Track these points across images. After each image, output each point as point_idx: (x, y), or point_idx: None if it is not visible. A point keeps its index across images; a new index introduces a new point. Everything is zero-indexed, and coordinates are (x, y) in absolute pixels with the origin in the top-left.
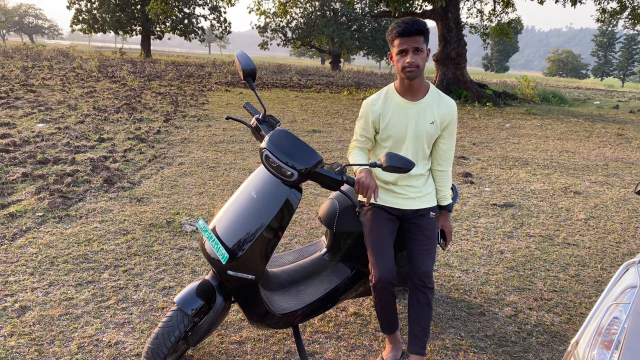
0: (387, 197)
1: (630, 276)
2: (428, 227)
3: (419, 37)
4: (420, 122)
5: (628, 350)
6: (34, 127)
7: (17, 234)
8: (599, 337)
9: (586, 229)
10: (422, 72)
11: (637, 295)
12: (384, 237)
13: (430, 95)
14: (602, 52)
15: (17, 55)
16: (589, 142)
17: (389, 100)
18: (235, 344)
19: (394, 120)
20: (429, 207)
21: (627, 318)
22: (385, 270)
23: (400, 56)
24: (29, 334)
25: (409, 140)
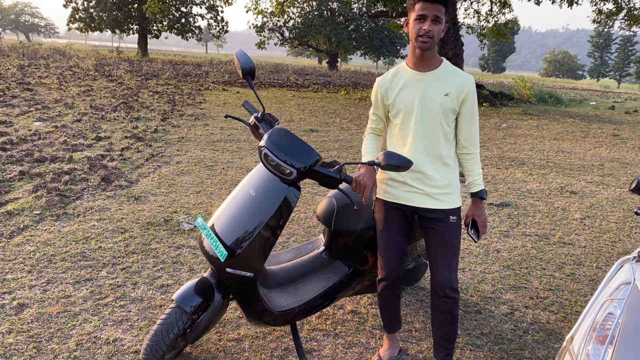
0: (398, 191)
1: (624, 273)
2: (448, 234)
3: (441, 6)
4: (431, 92)
5: (622, 345)
6: (31, 125)
7: (15, 231)
8: (593, 333)
9: (582, 228)
10: (435, 44)
11: (631, 291)
12: (391, 236)
13: (443, 67)
14: (598, 53)
15: (14, 54)
16: (585, 142)
17: (399, 74)
18: (233, 342)
19: (403, 92)
20: (447, 208)
21: (622, 313)
22: (391, 271)
23: (418, 22)
24: (27, 331)
25: (418, 111)
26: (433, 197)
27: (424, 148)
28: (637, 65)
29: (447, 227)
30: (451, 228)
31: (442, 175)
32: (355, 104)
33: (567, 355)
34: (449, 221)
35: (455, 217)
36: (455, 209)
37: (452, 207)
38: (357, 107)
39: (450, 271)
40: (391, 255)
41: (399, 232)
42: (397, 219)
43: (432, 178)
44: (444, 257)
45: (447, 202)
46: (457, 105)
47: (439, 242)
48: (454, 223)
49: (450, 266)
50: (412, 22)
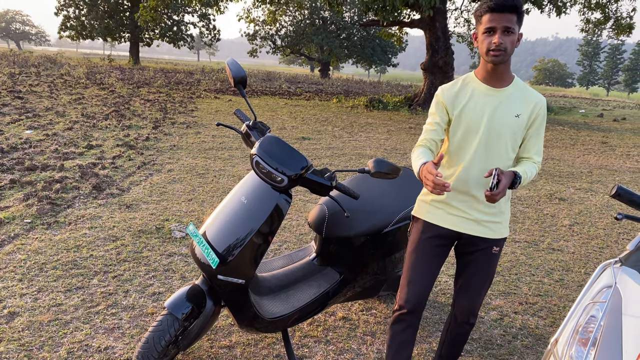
0: (442, 213)
1: (607, 276)
2: (487, 265)
3: (512, 15)
4: (501, 113)
5: (604, 347)
6: (22, 133)
7: (5, 240)
8: (576, 335)
9: (570, 234)
10: (509, 57)
11: (612, 294)
12: (422, 263)
13: (515, 84)
14: (587, 62)
15: (4, 62)
16: (574, 149)
17: (468, 85)
18: (224, 349)
19: (471, 105)
20: (493, 238)
21: (603, 316)
22: (410, 301)
23: (487, 35)
24: (18, 340)
25: (484, 130)
26: (481, 224)
27: (481, 171)
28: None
29: (487, 258)
30: (491, 259)
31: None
32: (347, 111)
33: (552, 357)
34: (491, 252)
35: (498, 248)
36: (501, 240)
37: (498, 238)
38: (349, 115)
39: (478, 300)
40: (415, 284)
41: (433, 259)
42: (435, 243)
43: (483, 204)
44: (476, 287)
45: (496, 232)
46: (526, 127)
47: (475, 271)
48: (495, 255)
49: (480, 296)
50: (481, 36)
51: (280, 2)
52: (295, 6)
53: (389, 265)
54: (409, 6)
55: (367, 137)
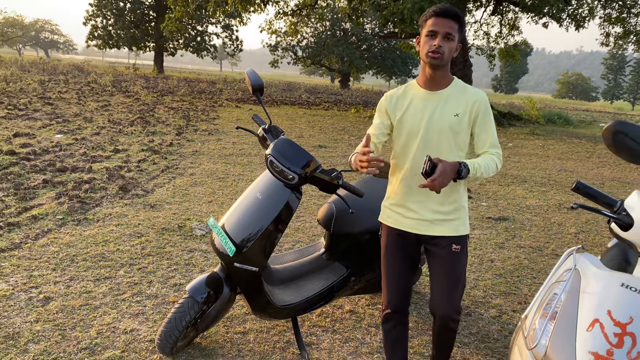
0: (399, 217)
1: (570, 261)
2: (449, 263)
3: (454, 22)
4: (440, 114)
5: (562, 319)
6: (53, 137)
7: (40, 234)
8: (540, 310)
9: (575, 241)
10: (447, 63)
11: (572, 275)
12: (394, 264)
13: (454, 86)
14: (612, 75)
15: (34, 69)
16: (589, 162)
17: (409, 92)
18: (239, 334)
19: (411, 110)
20: (450, 236)
21: (562, 293)
22: (392, 301)
23: (428, 38)
24: (52, 321)
25: (423, 133)
26: (435, 224)
27: None
28: None
29: (449, 256)
30: (453, 257)
31: (445, 200)
32: (364, 121)
33: (520, 332)
34: (451, 250)
35: (458, 246)
36: (460, 237)
37: (455, 235)
38: (367, 125)
39: (451, 303)
40: (392, 285)
41: (402, 260)
42: (400, 245)
43: (434, 202)
44: (444, 288)
45: (450, 229)
46: (469, 124)
47: (439, 271)
48: (456, 252)
49: (450, 298)
50: (423, 39)
51: (302, 14)
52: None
53: None
54: None
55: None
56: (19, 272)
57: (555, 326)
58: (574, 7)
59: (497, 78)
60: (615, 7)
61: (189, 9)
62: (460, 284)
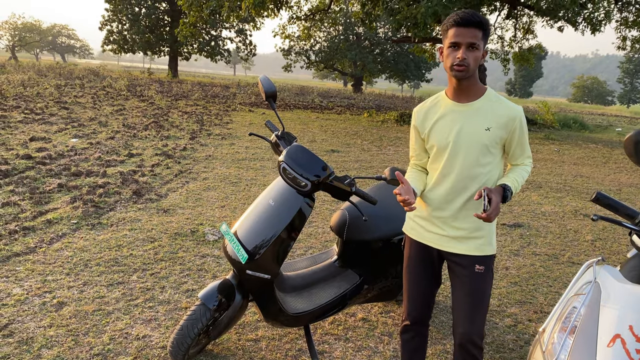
0: (423, 231)
1: (589, 273)
2: (471, 284)
3: (477, 31)
4: (469, 127)
5: (581, 334)
6: (68, 141)
7: (54, 238)
8: (559, 324)
9: (592, 249)
10: (474, 73)
11: (592, 288)
12: (415, 277)
13: (486, 97)
14: (628, 79)
15: (51, 74)
16: (605, 167)
17: (437, 104)
18: (251, 341)
19: (439, 125)
20: (473, 255)
21: (582, 307)
22: (412, 312)
23: (451, 50)
24: (66, 326)
25: (451, 148)
26: (459, 241)
27: (452, 188)
28: None
29: (471, 277)
30: (475, 278)
31: (469, 216)
32: (377, 126)
33: (538, 345)
34: (474, 270)
35: (482, 267)
36: (483, 257)
37: (479, 255)
38: (379, 129)
39: (472, 325)
40: (413, 296)
41: (424, 273)
42: (422, 258)
43: (458, 220)
44: (465, 309)
45: (473, 248)
46: (501, 140)
47: (461, 292)
48: (479, 274)
49: (472, 320)
50: (446, 50)
51: (315, 19)
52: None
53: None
54: (441, 23)
55: (396, 151)
56: (34, 277)
57: (574, 341)
58: (589, 10)
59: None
60: (632, 11)
61: (203, 14)
62: (483, 306)
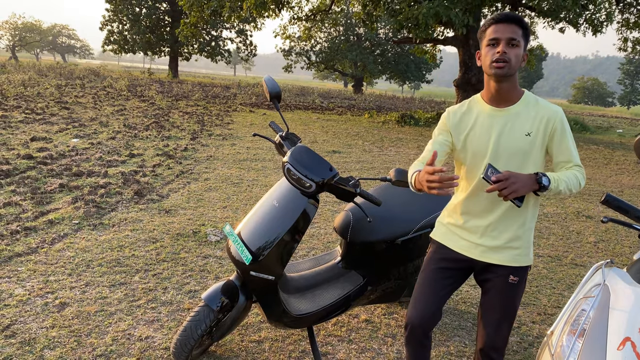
0: (454, 237)
1: (598, 276)
2: (503, 295)
3: (517, 28)
4: (509, 134)
5: (591, 337)
6: (69, 142)
7: (56, 238)
8: (568, 327)
9: (595, 251)
10: (514, 72)
11: (601, 291)
12: (432, 282)
13: (524, 101)
14: (629, 80)
15: (51, 74)
16: (607, 169)
17: (473, 108)
18: (254, 343)
19: (477, 130)
20: (508, 266)
21: (592, 309)
22: (418, 315)
23: (490, 47)
24: (68, 327)
25: (492, 154)
26: (495, 251)
27: (493, 196)
28: None
29: (504, 287)
30: (508, 289)
31: (508, 226)
32: (378, 127)
33: (547, 348)
34: (507, 281)
35: (516, 278)
36: (519, 269)
37: (514, 265)
38: (380, 130)
39: (499, 334)
40: (420, 303)
41: (440, 283)
42: (445, 267)
43: (497, 230)
44: (495, 318)
45: (509, 258)
46: (542, 144)
47: (491, 302)
48: (512, 284)
49: (499, 329)
50: (484, 50)
51: (316, 19)
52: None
53: (410, 271)
54: (443, 24)
55: (397, 152)
56: (35, 277)
57: (584, 344)
58: (591, 12)
59: None
60: (633, 12)
61: (204, 14)
62: (512, 316)
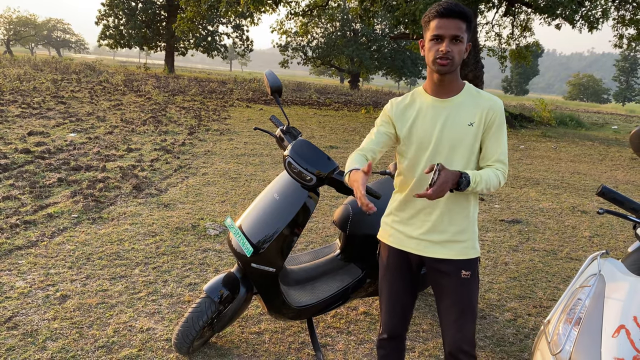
0: (400, 235)
1: (594, 266)
2: (458, 291)
3: (461, 22)
4: (452, 124)
5: (586, 325)
6: (67, 136)
7: (56, 232)
8: (564, 315)
9: (590, 245)
10: (456, 68)
11: (597, 281)
12: (392, 288)
13: (466, 92)
14: (624, 77)
15: (47, 68)
16: (602, 165)
17: (416, 100)
18: (254, 334)
19: (420, 121)
20: (458, 259)
21: (587, 298)
22: (388, 326)
23: (434, 43)
24: (70, 319)
25: (434, 145)
26: (441, 245)
27: None
28: None
29: (458, 284)
30: (462, 285)
31: (453, 219)
32: (374, 122)
33: (543, 336)
34: (460, 276)
35: (468, 272)
36: (468, 261)
37: (463, 258)
38: None
39: (461, 334)
40: (389, 308)
41: (402, 283)
42: (400, 266)
43: (443, 223)
44: (453, 318)
45: (457, 252)
46: (481, 133)
47: (447, 301)
48: (466, 279)
49: (461, 328)
50: (428, 43)
51: (312, 15)
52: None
53: None
54: None
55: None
56: (36, 270)
57: (579, 332)
58: (587, 8)
59: (507, 79)
60: (629, 9)
61: (200, 9)
62: (472, 313)
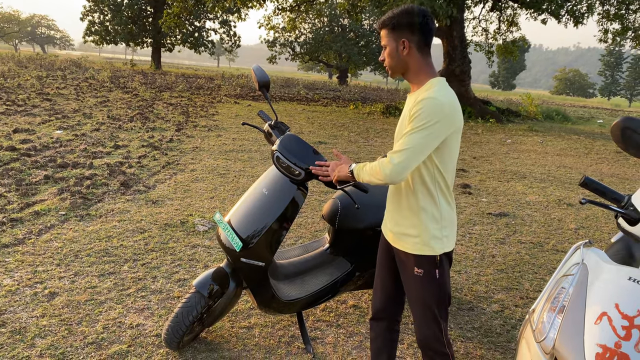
0: (385, 221)
1: (577, 255)
2: (412, 287)
3: (385, 32)
4: (402, 118)
5: (570, 312)
6: (53, 133)
7: (43, 230)
8: (548, 304)
9: (575, 237)
10: (398, 71)
11: (580, 269)
12: (380, 271)
13: (425, 87)
14: (609, 72)
15: (31, 65)
16: (588, 158)
17: None
18: (244, 329)
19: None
20: (409, 253)
21: (571, 287)
22: (377, 308)
23: None
24: (58, 316)
25: (395, 140)
26: (397, 236)
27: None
28: None
29: (411, 280)
30: (415, 282)
31: (403, 213)
32: (363, 118)
33: (528, 325)
34: (413, 272)
35: (421, 270)
36: (421, 259)
37: (417, 254)
38: (365, 121)
39: (428, 331)
40: (377, 291)
41: (387, 267)
42: (384, 252)
43: (397, 215)
44: (415, 315)
45: (411, 245)
46: None
47: (409, 295)
48: (418, 277)
49: (420, 325)
50: None
51: (300, 10)
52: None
53: None
54: None
55: (382, 143)
56: (24, 268)
57: (563, 319)
58: (572, 3)
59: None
60: (613, 4)
61: (187, 4)
62: (432, 312)
